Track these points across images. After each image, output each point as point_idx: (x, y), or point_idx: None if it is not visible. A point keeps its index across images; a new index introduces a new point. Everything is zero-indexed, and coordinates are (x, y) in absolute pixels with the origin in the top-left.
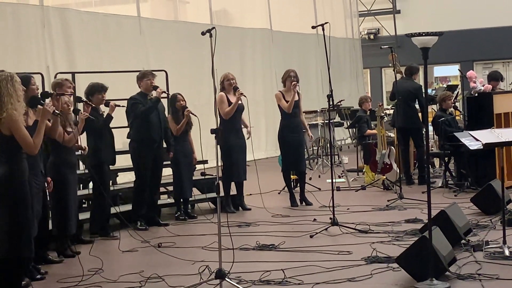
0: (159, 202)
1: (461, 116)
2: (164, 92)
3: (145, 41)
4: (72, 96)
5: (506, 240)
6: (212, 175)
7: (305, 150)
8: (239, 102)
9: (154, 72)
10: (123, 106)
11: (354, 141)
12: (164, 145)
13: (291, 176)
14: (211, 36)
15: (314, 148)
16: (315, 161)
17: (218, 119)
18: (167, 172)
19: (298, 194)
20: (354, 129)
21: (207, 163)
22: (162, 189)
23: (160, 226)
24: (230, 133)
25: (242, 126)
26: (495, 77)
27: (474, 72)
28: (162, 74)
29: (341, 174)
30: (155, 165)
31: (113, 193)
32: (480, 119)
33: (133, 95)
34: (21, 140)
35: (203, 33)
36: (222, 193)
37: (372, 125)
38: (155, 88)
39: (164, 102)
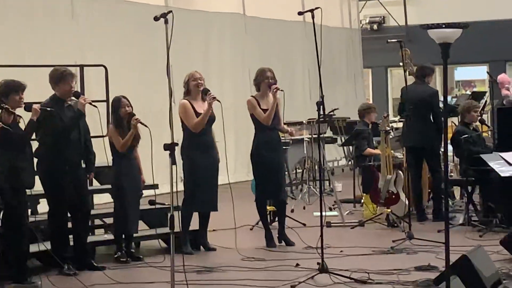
0: (93, 238)
1: (490, 132)
2: (91, 103)
3: (79, 27)
4: None
5: None
6: (165, 205)
7: (286, 173)
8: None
9: (73, 70)
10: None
11: (350, 163)
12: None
13: (268, 207)
14: (166, 22)
15: (298, 170)
16: (299, 188)
17: (180, 131)
18: (105, 199)
19: (277, 230)
20: (350, 147)
21: (158, 188)
22: (97, 222)
23: (94, 270)
24: (196, 150)
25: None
26: None
27: (507, 76)
28: (101, 71)
29: (333, 205)
30: (78, 193)
31: (33, 225)
32: None
33: (45, 101)
34: None
35: (156, 18)
36: (177, 228)
37: (375, 143)
38: (77, 94)
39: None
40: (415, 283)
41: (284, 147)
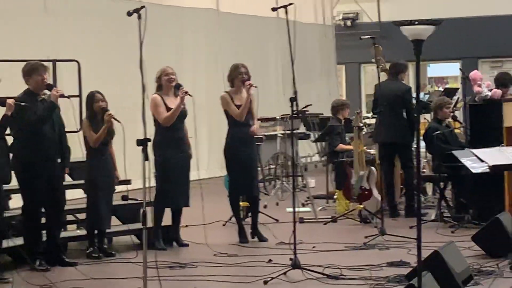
0: (66, 234)
1: (462, 129)
2: (64, 95)
3: (51, 21)
4: None
5: None
6: (138, 200)
7: (259, 169)
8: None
9: (45, 64)
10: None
11: (323, 159)
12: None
13: (241, 203)
14: (139, 17)
15: (271, 166)
16: (272, 183)
17: (153, 126)
18: (77, 194)
19: (250, 226)
20: (323, 143)
21: (130, 183)
22: (69, 217)
23: (66, 265)
24: (168, 145)
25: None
26: (503, 82)
27: (479, 73)
28: (74, 66)
29: (306, 201)
30: (53, 188)
31: (5, 221)
32: (486, 134)
33: (18, 96)
34: None
35: (129, 14)
36: (150, 224)
37: (347, 139)
38: (50, 87)
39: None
40: (387, 278)
41: (257, 143)
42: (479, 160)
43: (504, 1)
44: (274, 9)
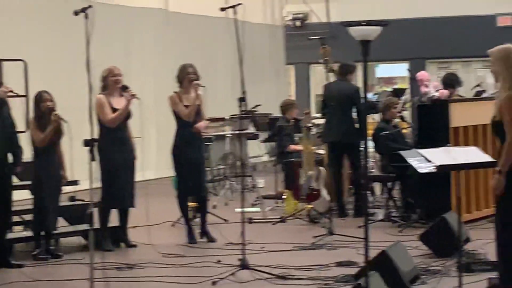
0: (12, 235)
1: (410, 129)
2: (12, 92)
3: None
4: None
5: None
6: (85, 201)
7: (209, 169)
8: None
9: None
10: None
11: (272, 159)
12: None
13: (189, 204)
14: (86, 17)
15: (220, 167)
16: (222, 184)
17: (95, 127)
18: (23, 195)
19: (198, 226)
20: (273, 143)
21: (78, 184)
22: (16, 218)
23: (12, 267)
24: (112, 146)
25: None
26: (450, 83)
27: (427, 74)
28: (20, 65)
29: (255, 201)
30: (0, 187)
31: None
32: (433, 134)
33: None
34: None
35: (76, 13)
36: (97, 225)
37: (296, 139)
38: None
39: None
40: (335, 278)
41: (206, 143)
42: (426, 160)
43: (452, 2)
44: (222, 9)
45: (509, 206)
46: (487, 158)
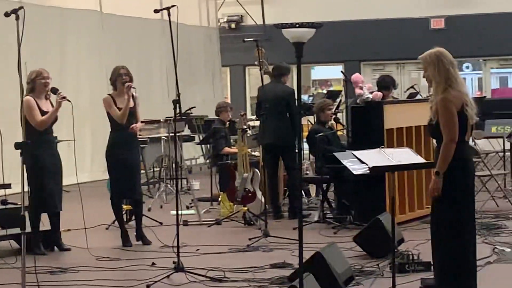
0: None
1: (344, 131)
2: None
3: None
4: None
5: None
6: (18, 204)
7: (143, 172)
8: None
9: None
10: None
11: (208, 161)
12: None
13: (124, 206)
14: (17, 18)
15: (155, 169)
16: (156, 186)
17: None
18: None
19: (133, 229)
20: (208, 146)
21: (10, 187)
22: None
23: None
24: (39, 148)
25: None
26: (385, 85)
27: (361, 76)
28: None
29: (190, 204)
30: None
31: None
32: (367, 136)
33: None
34: None
35: (7, 14)
36: (29, 228)
37: (232, 141)
38: None
39: None
40: (270, 280)
41: (141, 146)
42: (359, 161)
43: (386, 5)
44: (156, 11)
45: (444, 206)
46: (420, 159)
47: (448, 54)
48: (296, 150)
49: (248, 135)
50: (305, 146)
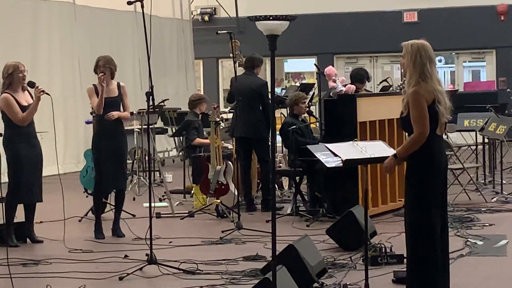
0: None
1: (317, 123)
2: None
3: None
4: None
5: (368, 283)
6: None
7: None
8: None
9: None
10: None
11: (181, 154)
12: None
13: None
14: None
15: (128, 161)
16: (129, 178)
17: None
18: None
19: (106, 222)
20: (181, 138)
21: None
22: None
23: None
24: (19, 140)
25: None
26: (359, 78)
27: (334, 69)
28: None
29: (163, 196)
30: None
31: None
32: (340, 129)
33: None
34: None
35: None
36: (2, 220)
37: (205, 133)
38: None
39: None
40: (243, 273)
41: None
42: (333, 154)
43: None
44: (129, 3)
45: (413, 203)
46: (392, 152)
47: (429, 49)
48: (269, 143)
49: (221, 127)
50: (278, 138)
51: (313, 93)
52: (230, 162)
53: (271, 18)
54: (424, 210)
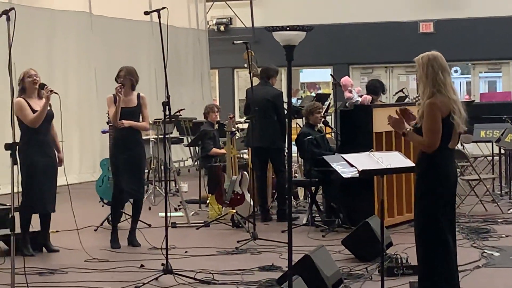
0: None
1: (333, 134)
2: None
3: None
4: None
5: None
6: (6, 205)
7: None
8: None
9: None
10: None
11: (196, 163)
12: None
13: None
14: (8, 19)
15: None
16: (145, 188)
17: (17, 130)
18: None
19: (123, 231)
20: (196, 148)
21: (0, 188)
22: None
23: None
24: (33, 148)
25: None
26: (374, 90)
27: (350, 79)
28: None
29: (178, 206)
30: None
31: None
32: (356, 139)
33: None
34: None
35: None
36: (18, 229)
37: (221, 143)
38: None
39: None
40: (259, 283)
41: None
42: (349, 165)
43: (375, 8)
44: (146, 13)
45: (423, 215)
46: (409, 163)
47: (441, 59)
48: (285, 153)
49: (237, 137)
50: (294, 148)
51: (329, 103)
52: (245, 172)
53: (288, 28)
54: (432, 222)
